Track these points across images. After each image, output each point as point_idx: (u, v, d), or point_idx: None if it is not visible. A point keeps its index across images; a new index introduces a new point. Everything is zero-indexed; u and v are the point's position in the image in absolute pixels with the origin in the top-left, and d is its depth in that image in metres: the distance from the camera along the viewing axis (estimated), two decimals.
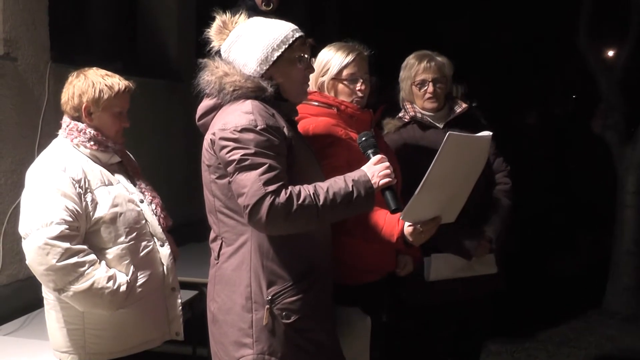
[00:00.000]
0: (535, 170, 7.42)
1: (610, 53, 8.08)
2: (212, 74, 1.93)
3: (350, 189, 1.84)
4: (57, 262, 2.00)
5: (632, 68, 5.16)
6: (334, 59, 2.31)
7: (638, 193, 5.03)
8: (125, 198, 2.19)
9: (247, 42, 1.93)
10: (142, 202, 2.25)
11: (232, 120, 1.84)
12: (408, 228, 2.02)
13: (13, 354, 2.58)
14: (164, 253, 2.26)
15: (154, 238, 2.24)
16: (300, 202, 1.78)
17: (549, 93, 10.94)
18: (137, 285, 2.15)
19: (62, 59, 3.54)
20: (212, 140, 1.89)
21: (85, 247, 2.07)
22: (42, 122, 3.30)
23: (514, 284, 3.35)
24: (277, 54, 1.91)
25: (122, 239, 2.14)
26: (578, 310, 5.04)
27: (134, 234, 2.17)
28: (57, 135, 2.26)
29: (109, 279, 2.06)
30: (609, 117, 5.12)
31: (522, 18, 9.43)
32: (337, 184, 1.85)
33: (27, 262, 2.07)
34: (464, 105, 2.84)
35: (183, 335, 2.34)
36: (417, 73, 2.75)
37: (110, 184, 2.18)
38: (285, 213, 1.77)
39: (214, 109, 1.98)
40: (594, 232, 6.50)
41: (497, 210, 2.83)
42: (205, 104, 2.02)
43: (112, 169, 2.24)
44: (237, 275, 1.93)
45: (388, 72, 3.05)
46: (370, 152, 1.97)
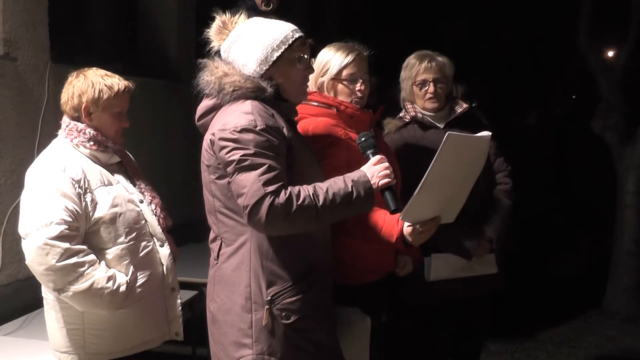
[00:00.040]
0: (535, 170, 7.41)
1: (610, 53, 8.09)
2: (211, 74, 1.93)
3: (350, 190, 1.84)
4: (56, 262, 2.00)
5: (632, 68, 5.16)
6: (334, 59, 2.31)
7: (638, 193, 5.02)
8: (125, 198, 2.19)
9: (246, 42, 1.93)
10: (141, 202, 2.25)
11: (231, 121, 1.84)
12: (407, 228, 2.02)
13: (13, 354, 2.57)
14: (164, 253, 2.26)
15: (154, 238, 2.24)
16: (300, 202, 1.78)
17: (549, 93, 10.93)
18: (136, 286, 2.15)
19: (62, 59, 3.54)
20: (211, 141, 1.89)
21: (85, 247, 2.07)
22: (41, 122, 3.30)
23: (514, 284, 3.34)
24: (276, 54, 1.91)
25: (121, 239, 2.14)
26: (578, 311, 5.03)
27: (134, 234, 2.17)
28: (56, 136, 2.26)
29: (109, 279, 2.06)
30: (609, 117, 5.12)
31: (522, 18, 9.43)
32: (336, 185, 1.84)
33: (26, 262, 2.07)
34: (465, 106, 2.84)
35: (183, 336, 2.34)
36: (418, 73, 2.75)
37: (110, 184, 2.18)
38: (285, 213, 1.76)
39: (214, 109, 1.98)
40: (594, 232, 6.49)
41: (497, 210, 2.83)
42: (205, 104, 2.02)
43: (111, 169, 2.24)
44: (236, 276, 1.92)
45: (388, 72, 3.05)
46: (370, 152, 1.97)
